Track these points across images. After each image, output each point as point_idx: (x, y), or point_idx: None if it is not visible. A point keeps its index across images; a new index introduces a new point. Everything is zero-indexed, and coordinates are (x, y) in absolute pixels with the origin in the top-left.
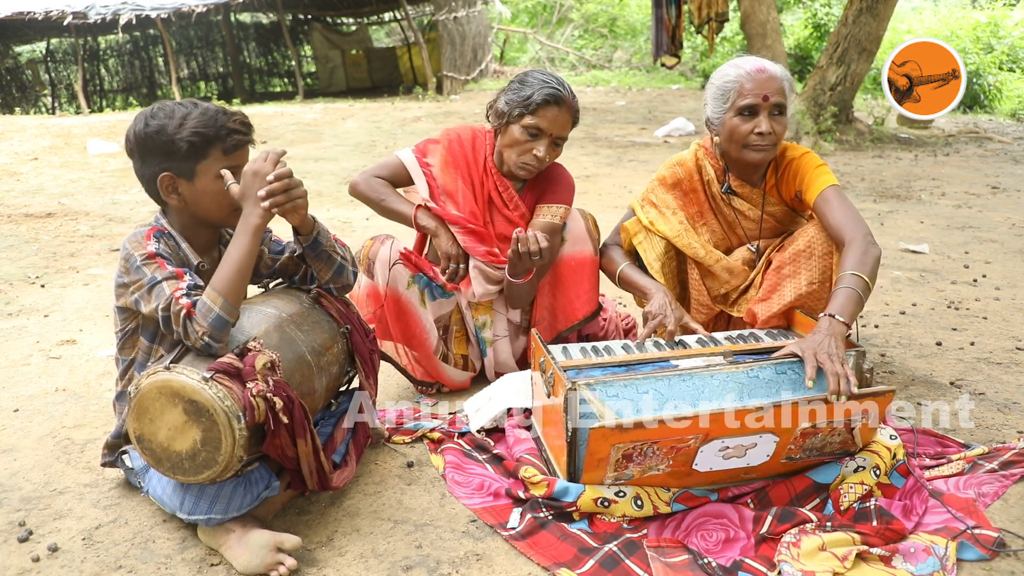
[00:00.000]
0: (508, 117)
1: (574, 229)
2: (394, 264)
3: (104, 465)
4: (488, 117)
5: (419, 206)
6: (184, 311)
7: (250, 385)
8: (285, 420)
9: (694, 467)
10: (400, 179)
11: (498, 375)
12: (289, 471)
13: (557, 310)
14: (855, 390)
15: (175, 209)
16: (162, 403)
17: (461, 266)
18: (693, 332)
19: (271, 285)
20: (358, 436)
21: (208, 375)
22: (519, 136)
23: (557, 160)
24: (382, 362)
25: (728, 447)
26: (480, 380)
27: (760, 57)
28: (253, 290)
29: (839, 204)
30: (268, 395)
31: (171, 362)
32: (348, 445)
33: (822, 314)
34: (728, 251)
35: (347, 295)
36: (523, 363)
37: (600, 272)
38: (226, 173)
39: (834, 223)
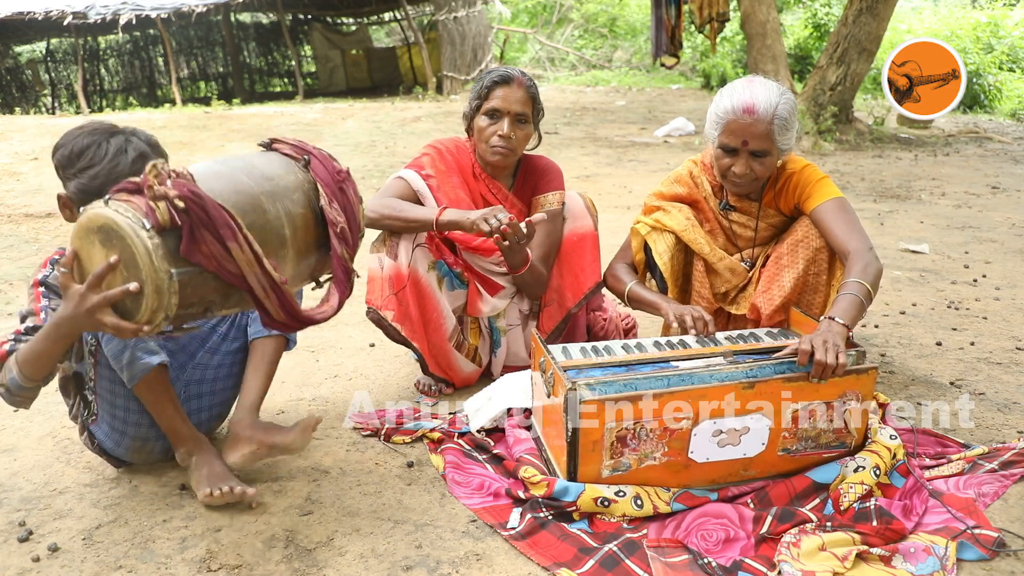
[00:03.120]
0: (471, 114)
1: (573, 207)
2: (417, 246)
3: (83, 438)
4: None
5: (444, 207)
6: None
7: (153, 182)
8: (198, 215)
9: (690, 456)
10: (408, 196)
11: (506, 368)
12: (252, 301)
13: (564, 288)
14: (843, 364)
15: None
16: (86, 245)
17: (500, 216)
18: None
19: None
20: (337, 276)
21: (107, 198)
22: (482, 123)
23: (541, 153)
24: (378, 360)
25: (721, 431)
26: (484, 378)
27: (759, 81)
28: None
29: (841, 217)
30: (167, 193)
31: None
32: (329, 286)
33: (823, 316)
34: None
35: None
36: None
37: (599, 249)
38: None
39: (836, 235)
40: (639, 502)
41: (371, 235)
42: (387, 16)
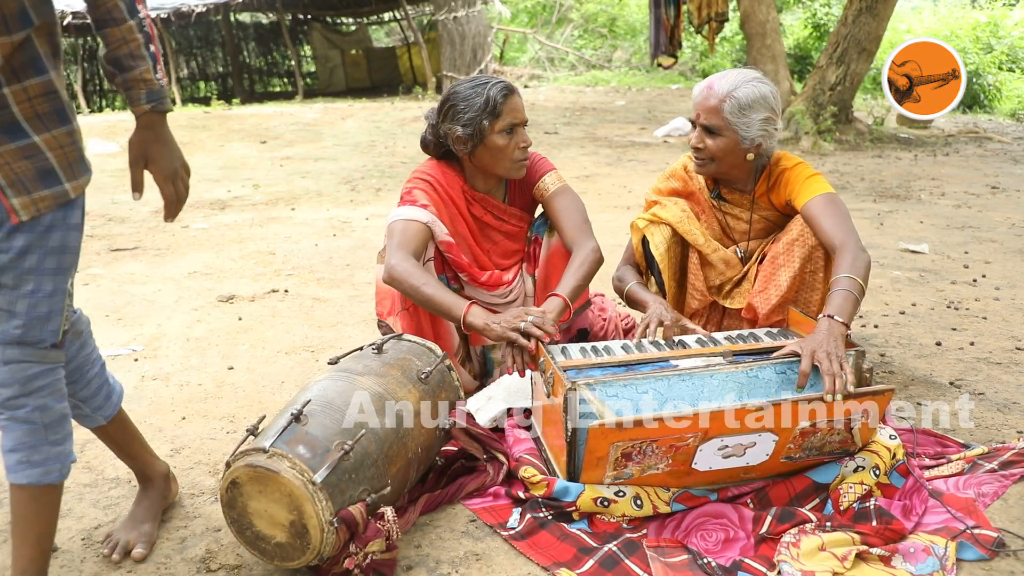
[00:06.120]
0: (479, 134)
1: None
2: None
3: None
4: (429, 150)
5: (471, 303)
6: None
7: (348, 559)
8: None
9: (693, 466)
10: (423, 242)
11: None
12: None
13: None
14: (851, 389)
15: None
16: (281, 500)
17: (530, 321)
18: (691, 332)
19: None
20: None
21: (335, 522)
22: (502, 142)
23: (542, 152)
24: None
25: (727, 446)
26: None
27: (743, 71)
28: None
29: (829, 211)
30: (355, 571)
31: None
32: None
33: (820, 315)
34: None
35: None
36: None
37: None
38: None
39: (825, 229)
40: (639, 502)
41: (379, 244)
42: (387, 16)
